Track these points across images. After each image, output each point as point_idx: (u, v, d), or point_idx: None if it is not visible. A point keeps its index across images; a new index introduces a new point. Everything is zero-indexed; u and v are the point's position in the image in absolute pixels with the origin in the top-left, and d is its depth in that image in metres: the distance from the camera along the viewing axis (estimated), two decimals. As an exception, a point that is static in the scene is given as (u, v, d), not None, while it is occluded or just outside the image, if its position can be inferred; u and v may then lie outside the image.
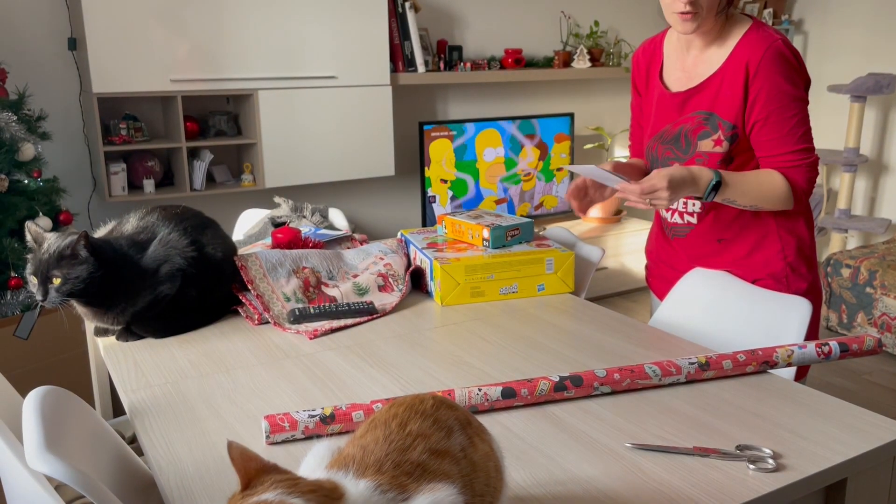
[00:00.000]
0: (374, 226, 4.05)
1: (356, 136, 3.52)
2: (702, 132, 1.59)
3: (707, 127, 1.58)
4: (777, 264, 1.62)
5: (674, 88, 1.65)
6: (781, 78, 1.49)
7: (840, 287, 3.56)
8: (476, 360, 1.42)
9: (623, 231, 4.24)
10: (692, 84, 1.61)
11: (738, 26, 1.57)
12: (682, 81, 1.64)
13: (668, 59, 1.69)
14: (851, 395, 3.06)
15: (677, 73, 1.65)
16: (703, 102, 1.59)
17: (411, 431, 0.77)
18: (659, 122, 1.68)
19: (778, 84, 1.49)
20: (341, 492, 0.70)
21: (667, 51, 1.70)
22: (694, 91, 1.60)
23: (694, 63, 1.62)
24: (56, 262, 1.44)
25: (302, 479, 0.71)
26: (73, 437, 1.08)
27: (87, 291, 1.46)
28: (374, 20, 3.45)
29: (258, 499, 0.67)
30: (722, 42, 1.58)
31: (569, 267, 1.82)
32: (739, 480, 0.99)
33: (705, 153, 1.59)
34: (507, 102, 4.32)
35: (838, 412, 1.18)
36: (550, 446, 1.10)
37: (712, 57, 1.59)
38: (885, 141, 4.31)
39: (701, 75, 1.60)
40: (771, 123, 1.51)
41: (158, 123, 3.37)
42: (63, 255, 1.44)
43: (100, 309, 1.51)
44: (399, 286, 1.81)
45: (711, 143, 1.58)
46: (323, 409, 1.13)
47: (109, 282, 1.48)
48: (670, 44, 1.69)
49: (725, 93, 1.55)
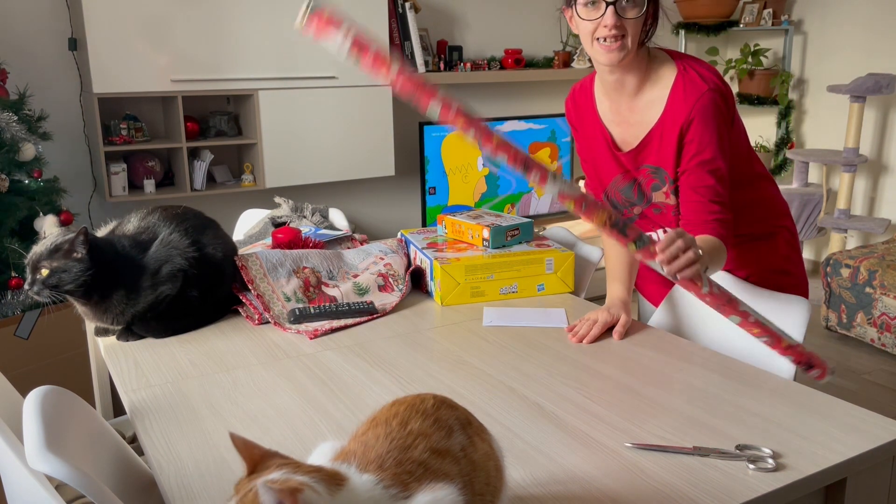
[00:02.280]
0: (374, 226, 4.05)
1: (356, 137, 3.53)
2: (653, 184, 1.56)
3: (656, 180, 1.55)
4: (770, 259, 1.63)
5: (620, 142, 1.57)
6: (710, 131, 1.44)
7: (840, 287, 3.56)
8: (476, 360, 1.42)
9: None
10: (636, 140, 1.54)
11: (665, 68, 1.49)
12: (624, 133, 1.56)
13: (602, 106, 1.59)
14: (851, 395, 3.06)
15: (614, 120, 1.57)
16: (649, 157, 1.53)
17: (412, 430, 0.78)
18: (611, 170, 1.62)
19: (705, 132, 1.44)
20: (344, 477, 0.71)
21: (598, 97, 1.60)
22: (641, 147, 1.54)
23: (630, 110, 1.54)
24: (49, 254, 1.45)
25: (303, 464, 0.72)
26: (73, 436, 1.08)
27: (79, 288, 1.46)
28: (374, 20, 3.46)
29: (266, 478, 0.68)
30: (652, 85, 1.50)
31: (569, 267, 1.82)
32: (739, 480, 0.99)
33: (661, 203, 1.58)
34: (507, 102, 4.32)
35: (838, 412, 1.18)
36: (550, 446, 1.10)
37: (647, 106, 1.51)
38: (884, 141, 4.31)
39: (641, 129, 1.52)
40: (695, 176, 1.46)
41: (159, 123, 3.37)
42: (58, 249, 1.45)
43: (99, 308, 1.51)
44: (399, 286, 1.81)
45: (662, 195, 1.56)
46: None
47: (108, 281, 1.48)
48: (600, 89, 1.59)
49: (665, 149, 1.49)
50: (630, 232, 1.24)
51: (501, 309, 1.70)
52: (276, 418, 1.20)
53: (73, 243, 1.45)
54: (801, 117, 4.67)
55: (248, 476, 0.71)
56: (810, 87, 4.60)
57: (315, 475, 0.69)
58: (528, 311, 1.68)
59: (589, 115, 1.63)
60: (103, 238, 1.54)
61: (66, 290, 1.46)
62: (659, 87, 1.49)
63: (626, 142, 1.57)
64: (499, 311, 1.69)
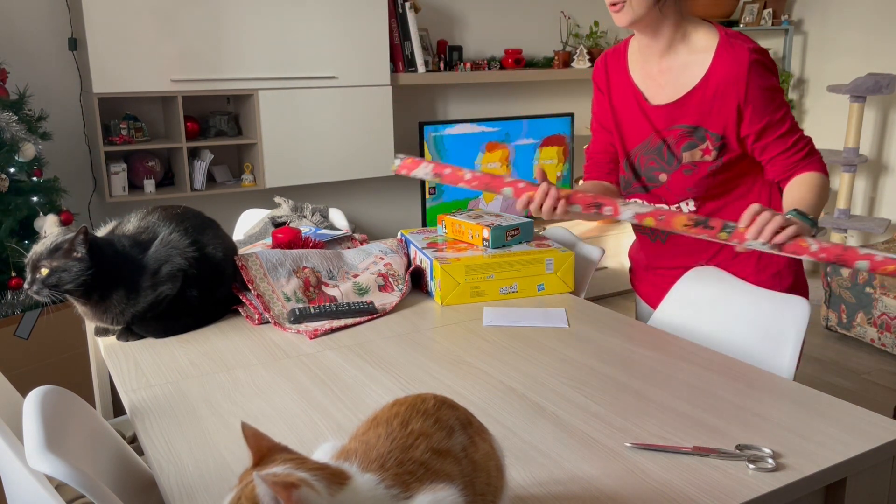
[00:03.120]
0: (374, 226, 4.05)
1: (356, 136, 3.53)
2: (686, 143, 1.58)
3: (692, 139, 1.57)
4: (771, 260, 1.64)
5: (653, 99, 1.62)
6: (767, 86, 1.51)
7: (840, 287, 3.56)
8: (476, 360, 1.42)
9: (623, 231, 4.24)
10: (673, 97, 1.58)
11: (703, 32, 1.55)
12: (658, 91, 1.61)
13: (634, 65, 1.66)
14: (851, 395, 3.06)
15: (647, 79, 1.63)
16: (686, 116, 1.57)
17: (413, 430, 0.77)
18: (641, 131, 1.65)
19: (765, 94, 1.51)
20: (348, 476, 0.71)
21: (632, 58, 1.67)
22: (677, 105, 1.58)
23: (662, 71, 1.60)
24: (49, 253, 1.45)
25: (310, 460, 0.72)
26: (73, 436, 1.08)
27: (79, 288, 1.46)
28: (375, 20, 3.46)
29: (268, 471, 0.68)
30: (688, 48, 1.56)
31: (568, 267, 1.82)
32: (739, 480, 0.99)
33: (693, 164, 1.59)
34: (507, 102, 4.32)
35: (838, 412, 1.18)
36: (550, 446, 1.10)
37: (684, 67, 1.56)
38: (884, 141, 4.31)
39: (680, 88, 1.57)
40: (769, 131, 1.53)
41: (159, 123, 3.37)
42: (58, 248, 1.45)
43: (99, 308, 1.51)
44: (399, 286, 1.81)
45: (700, 152, 1.58)
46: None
47: (108, 280, 1.48)
48: (634, 51, 1.67)
49: (712, 108, 1.54)
50: (714, 223, 1.32)
51: (501, 309, 1.70)
52: (276, 418, 1.20)
53: (72, 243, 1.45)
54: (801, 117, 4.67)
55: (253, 467, 0.72)
56: (810, 86, 4.60)
57: (318, 473, 0.69)
58: (528, 311, 1.68)
59: (621, 74, 1.68)
60: (103, 238, 1.54)
61: (65, 290, 1.45)
62: (697, 50, 1.55)
63: (659, 99, 1.61)
64: (499, 311, 1.69)
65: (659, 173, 1.65)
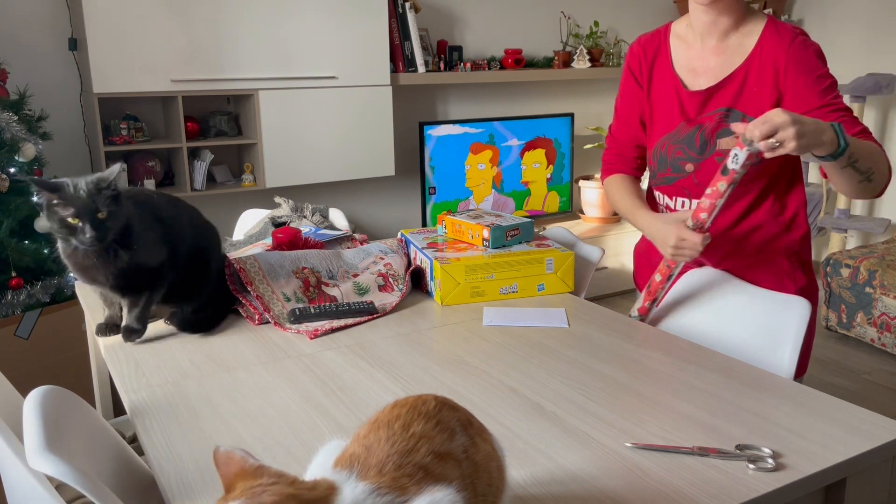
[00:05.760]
0: (374, 226, 4.05)
1: (356, 137, 3.53)
2: (722, 129, 1.56)
3: (728, 124, 1.55)
4: (781, 262, 1.63)
5: (692, 85, 1.61)
6: (810, 71, 1.48)
7: (839, 287, 3.56)
8: (476, 360, 1.42)
9: (623, 231, 4.24)
10: (713, 81, 1.57)
11: (755, 21, 1.56)
12: (698, 77, 1.60)
13: (677, 53, 1.64)
14: (851, 394, 3.06)
15: (689, 66, 1.61)
16: (724, 99, 1.56)
17: (414, 433, 0.77)
18: (672, 119, 1.63)
19: (808, 80, 1.48)
20: (334, 490, 0.69)
21: (674, 44, 1.65)
22: (716, 88, 1.57)
23: (704, 55, 1.59)
24: (97, 195, 1.33)
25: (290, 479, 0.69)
26: (73, 436, 1.08)
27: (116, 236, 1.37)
28: (374, 20, 3.46)
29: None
30: (740, 32, 1.56)
31: (569, 267, 1.82)
32: (739, 480, 0.99)
33: (727, 152, 1.57)
34: (507, 103, 4.32)
35: (838, 412, 1.18)
36: (550, 446, 1.10)
37: (730, 51, 1.56)
38: (884, 141, 4.31)
39: (722, 71, 1.57)
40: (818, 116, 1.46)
41: (159, 123, 3.37)
42: (101, 188, 1.33)
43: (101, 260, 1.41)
44: (399, 286, 1.81)
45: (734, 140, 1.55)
46: None
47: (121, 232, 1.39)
48: (677, 37, 1.65)
49: (751, 90, 1.53)
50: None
51: (501, 309, 1.70)
52: (276, 418, 1.20)
53: (112, 183, 1.31)
54: (801, 117, 4.66)
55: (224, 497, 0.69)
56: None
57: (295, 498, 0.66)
58: (529, 311, 1.68)
59: (663, 63, 1.66)
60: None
61: (112, 239, 1.34)
62: (747, 34, 1.56)
63: (698, 85, 1.60)
64: (499, 311, 1.69)
65: (685, 163, 1.63)
